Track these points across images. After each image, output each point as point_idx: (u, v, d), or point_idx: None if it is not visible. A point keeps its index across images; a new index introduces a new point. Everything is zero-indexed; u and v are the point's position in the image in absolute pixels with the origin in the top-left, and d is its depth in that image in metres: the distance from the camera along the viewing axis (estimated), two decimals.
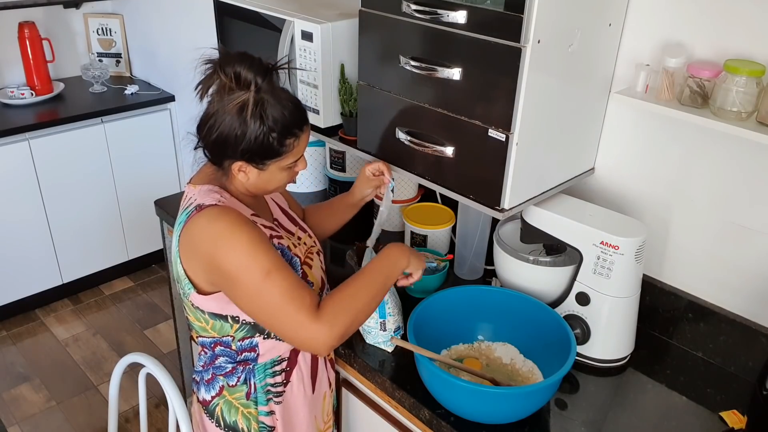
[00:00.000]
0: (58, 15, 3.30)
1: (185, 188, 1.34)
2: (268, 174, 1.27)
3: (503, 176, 1.33)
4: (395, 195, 2.00)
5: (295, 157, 1.27)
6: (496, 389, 1.29)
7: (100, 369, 2.89)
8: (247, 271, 1.18)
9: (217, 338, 1.31)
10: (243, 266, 1.17)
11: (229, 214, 1.21)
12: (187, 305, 1.32)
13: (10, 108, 3.01)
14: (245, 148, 1.21)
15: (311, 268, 1.38)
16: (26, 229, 3.00)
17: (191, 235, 1.23)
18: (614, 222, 1.42)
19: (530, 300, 1.45)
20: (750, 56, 1.28)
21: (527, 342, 1.46)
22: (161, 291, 3.40)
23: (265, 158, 1.24)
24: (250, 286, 1.18)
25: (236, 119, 1.19)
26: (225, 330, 1.29)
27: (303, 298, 1.19)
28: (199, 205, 1.23)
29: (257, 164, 1.24)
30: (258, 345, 1.32)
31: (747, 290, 1.45)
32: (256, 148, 1.21)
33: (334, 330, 1.19)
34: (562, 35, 1.29)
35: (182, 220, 1.26)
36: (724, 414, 1.35)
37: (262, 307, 1.19)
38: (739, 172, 1.38)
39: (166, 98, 3.24)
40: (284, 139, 1.22)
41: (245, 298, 1.20)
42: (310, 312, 1.19)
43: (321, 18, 1.65)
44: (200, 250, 1.21)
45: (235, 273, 1.18)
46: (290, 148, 1.25)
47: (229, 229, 1.19)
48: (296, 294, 1.19)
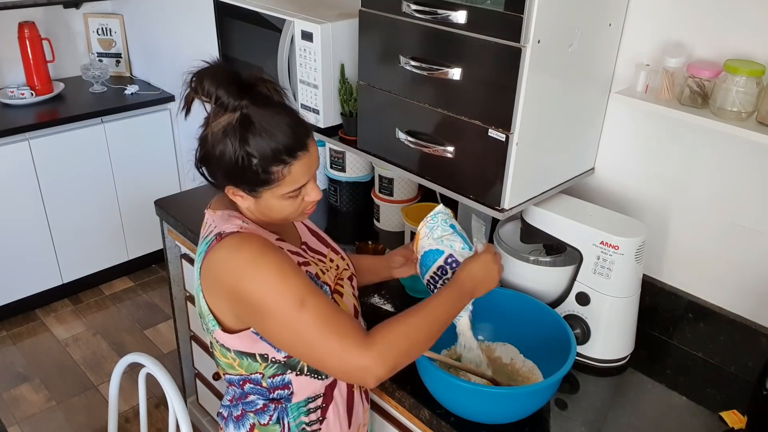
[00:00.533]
0: (58, 15, 3.30)
1: (205, 213, 1.24)
2: (265, 202, 1.14)
3: (503, 176, 1.33)
4: (395, 195, 2.00)
5: (292, 186, 1.12)
6: (496, 389, 1.29)
7: (100, 369, 2.89)
8: (279, 302, 1.06)
9: (245, 376, 1.21)
10: (273, 296, 1.06)
11: (252, 241, 1.11)
12: (212, 342, 1.22)
13: (10, 108, 3.01)
14: (229, 173, 1.10)
15: (342, 297, 1.26)
16: (26, 229, 3.00)
17: (213, 266, 1.12)
18: (614, 222, 1.42)
19: (530, 300, 1.45)
20: (750, 56, 1.28)
21: (527, 342, 1.46)
22: (161, 291, 3.40)
23: (253, 185, 1.11)
24: (283, 318, 1.07)
25: (219, 141, 1.09)
26: (253, 368, 1.19)
27: (345, 325, 1.08)
28: (220, 233, 1.13)
29: (248, 191, 1.13)
30: (291, 382, 1.21)
31: (747, 290, 1.45)
32: (239, 175, 1.10)
33: (386, 361, 1.07)
34: (562, 35, 1.29)
35: (203, 251, 1.16)
36: (724, 414, 1.35)
37: (300, 339, 1.08)
38: (739, 172, 1.38)
39: (166, 98, 3.24)
40: (269, 167, 1.08)
41: (279, 331, 1.09)
42: (357, 339, 1.07)
43: (321, 18, 1.65)
44: (224, 283, 1.10)
45: (265, 305, 1.07)
46: (280, 176, 1.10)
47: (253, 257, 1.08)
48: (337, 320, 1.08)
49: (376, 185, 2.04)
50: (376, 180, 2.03)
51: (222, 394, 2.24)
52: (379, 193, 2.03)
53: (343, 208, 2.17)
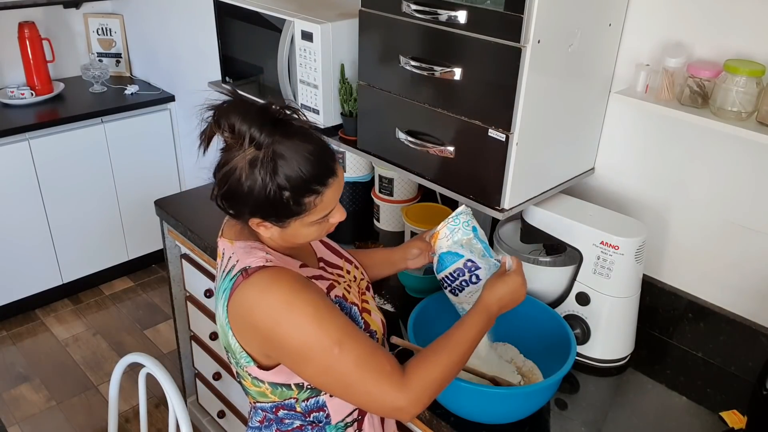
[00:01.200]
0: (58, 15, 3.30)
1: (219, 243, 1.20)
2: (292, 230, 1.12)
3: (503, 176, 1.33)
4: (395, 195, 2.00)
5: (321, 214, 1.11)
6: (496, 389, 1.29)
7: (100, 369, 2.89)
8: (317, 348, 1.04)
9: (278, 402, 1.19)
10: (311, 343, 1.04)
11: (282, 279, 1.07)
12: (240, 372, 1.18)
13: (10, 108, 3.01)
14: (258, 207, 1.07)
15: (370, 314, 1.25)
16: (26, 229, 3.00)
17: (244, 308, 1.08)
18: (614, 222, 1.42)
19: (530, 300, 1.45)
20: (750, 56, 1.28)
21: (527, 342, 1.46)
22: (161, 291, 3.40)
23: (282, 217, 1.08)
24: (320, 363, 1.05)
25: (245, 174, 1.04)
26: (286, 395, 1.17)
27: (382, 365, 1.07)
28: (245, 268, 1.09)
29: (275, 222, 1.10)
30: (326, 404, 1.19)
31: (747, 290, 1.45)
32: (268, 208, 1.07)
33: (420, 400, 1.07)
34: (562, 35, 1.29)
35: (227, 287, 1.11)
36: (724, 414, 1.35)
37: (337, 380, 1.07)
38: (739, 172, 1.38)
39: (166, 98, 3.24)
40: (301, 198, 1.06)
41: (316, 374, 1.07)
42: (393, 379, 1.06)
43: (321, 18, 1.65)
44: (257, 325, 1.07)
45: (304, 351, 1.05)
46: (311, 206, 1.08)
47: (287, 299, 1.05)
48: (374, 361, 1.06)
49: (376, 185, 2.04)
50: (376, 180, 2.03)
51: (222, 394, 2.24)
52: (379, 193, 2.03)
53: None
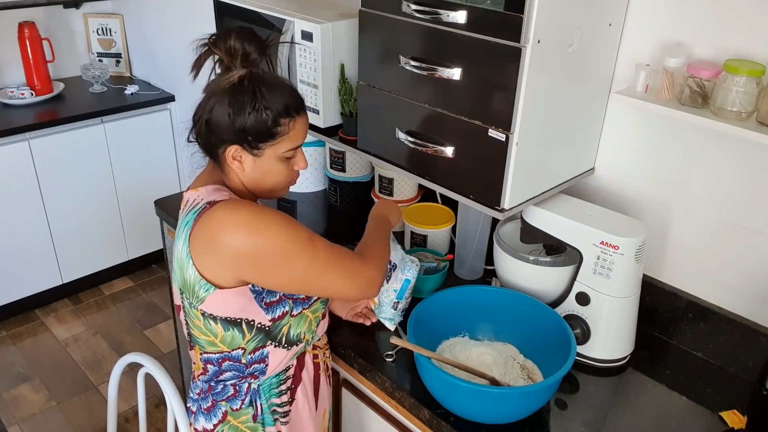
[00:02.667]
0: (58, 15, 3.30)
1: (184, 196, 1.27)
2: (264, 162, 1.21)
3: (503, 176, 1.33)
4: (395, 195, 2.00)
5: (291, 144, 1.21)
6: (496, 389, 1.29)
7: (100, 369, 2.89)
8: (298, 245, 1.16)
9: (225, 353, 1.25)
10: (292, 243, 1.15)
11: (246, 202, 1.18)
12: (192, 315, 1.24)
13: (10, 108, 3.01)
14: (239, 128, 1.16)
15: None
16: (26, 229, 3.00)
17: (209, 229, 1.15)
18: (614, 222, 1.42)
19: (530, 300, 1.45)
20: (750, 56, 1.28)
21: (527, 342, 1.46)
22: (161, 291, 3.40)
23: (259, 140, 1.18)
24: (304, 258, 1.16)
25: (230, 97, 1.15)
26: (236, 341, 1.23)
27: (346, 250, 1.23)
28: (210, 201, 1.18)
29: (252, 149, 1.18)
30: (268, 355, 1.28)
31: (747, 290, 1.45)
32: (249, 127, 1.16)
33: (379, 268, 1.26)
34: (562, 35, 1.29)
35: (190, 220, 1.18)
36: (724, 414, 1.35)
37: (319, 270, 1.18)
38: (739, 172, 1.38)
39: (166, 98, 3.24)
40: (279, 118, 1.17)
41: (298, 273, 1.17)
42: (359, 258, 1.24)
43: (321, 18, 1.65)
44: (227, 243, 1.13)
45: (286, 252, 1.15)
46: (286, 130, 1.19)
47: (257, 212, 1.15)
48: (339, 248, 1.23)
49: (376, 185, 2.04)
50: (376, 180, 2.03)
51: None
52: (379, 193, 2.03)
53: (343, 208, 2.17)
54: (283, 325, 1.26)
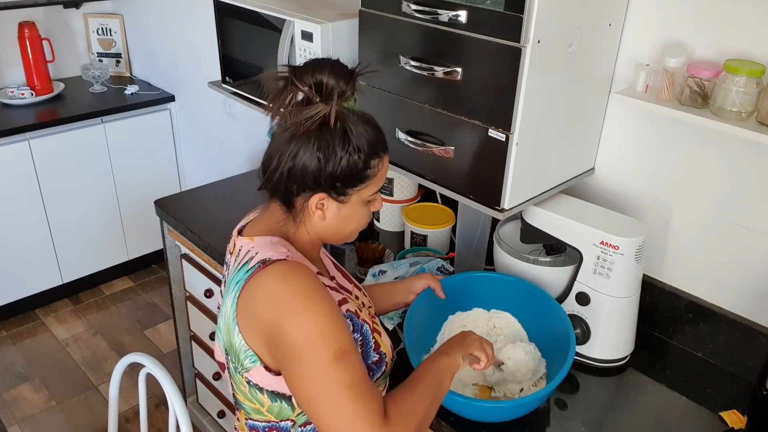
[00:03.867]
0: (58, 15, 3.30)
1: (235, 240, 1.14)
2: (348, 209, 1.09)
3: (503, 176, 1.33)
4: (395, 195, 2.00)
5: (377, 186, 1.11)
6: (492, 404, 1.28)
7: (100, 369, 2.89)
8: (317, 348, 0.97)
9: (273, 422, 1.11)
10: (314, 341, 0.98)
11: (303, 273, 1.02)
12: (237, 380, 1.10)
13: (10, 108, 3.01)
14: (328, 174, 1.03)
15: (381, 336, 1.20)
16: (26, 229, 3.00)
17: (256, 296, 1.02)
18: (614, 222, 1.42)
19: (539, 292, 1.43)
20: (750, 56, 1.28)
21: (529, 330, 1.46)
22: (161, 291, 3.40)
23: (348, 185, 1.06)
24: (317, 367, 0.98)
25: (318, 140, 1.02)
26: (285, 413, 1.09)
27: (373, 395, 0.99)
28: (264, 260, 1.04)
29: (339, 195, 1.07)
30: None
31: (747, 290, 1.45)
32: (341, 172, 1.04)
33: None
34: (562, 35, 1.29)
35: (242, 279, 1.04)
36: (724, 414, 1.35)
37: (325, 395, 0.98)
38: (739, 172, 1.38)
39: (166, 98, 3.24)
40: (370, 160, 1.06)
41: (306, 381, 0.99)
42: (380, 413, 0.99)
43: (321, 18, 1.65)
44: (263, 316, 1.01)
45: (303, 348, 0.98)
46: (375, 173, 1.08)
47: (304, 293, 1.00)
48: (367, 388, 0.99)
49: None
50: None
51: (222, 394, 2.24)
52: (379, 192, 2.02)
53: None
54: None
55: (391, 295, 1.43)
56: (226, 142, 2.96)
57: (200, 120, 3.14)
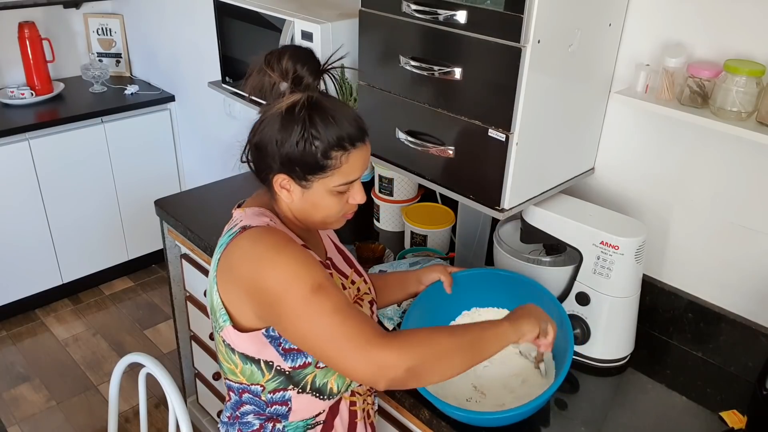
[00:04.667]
0: (58, 15, 3.30)
1: (233, 213, 1.20)
2: (313, 195, 1.11)
3: (503, 176, 1.33)
4: (395, 195, 2.00)
5: (343, 179, 1.10)
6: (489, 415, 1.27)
7: (100, 369, 2.89)
8: (293, 287, 1.01)
9: (245, 385, 1.17)
10: (289, 282, 1.02)
11: (275, 234, 1.08)
12: (217, 340, 1.17)
13: (10, 108, 3.01)
14: (285, 155, 1.07)
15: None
16: (26, 229, 3.00)
17: (232, 257, 1.09)
18: (614, 222, 1.42)
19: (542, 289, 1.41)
20: (750, 56, 1.28)
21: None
22: (161, 291, 3.40)
23: (307, 172, 1.08)
24: (296, 304, 1.01)
25: (280, 123, 1.06)
26: (255, 377, 1.14)
27: (364, 317, 1.02)
28: (245, 226, 1.11)
29: (300, 180, 1.10)
30: (291, 400, 1.16)
31: (747, 290, 1.45)
32: (296, 158, 1.07)
33: (405, 359, 0.98)
34: (562, 35, 1.29)
35: (224, 242, 1.12)
36: (724, 414, 1.35)
37: (313, 326, 1.00)
38: (739, 172, 1.38)
39: (166, 98, 3.24)
40: (329, 151, 1.06)
41: (292, 321, 1.02)
42: (376, 332, 1.00)
43: (321, 18, 1.65)
44: (241, 274, 1.07)
45: (280, 292, 1.02)
46: (337, 164, 1.08)
47: (274, 247, 1.05)
48: (355, 311, 1.01)
49: (376, 185, 2.04)
50: (376, 180, 2.03)
51: (222, 394, 2.24)
52: (379, 193, 2.03)
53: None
54: (306, 374, 1.14)
55: (404, 284, 1.44)
56: (226, 142, 2.96)
57: (200, 120, 3.14)
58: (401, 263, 1.72)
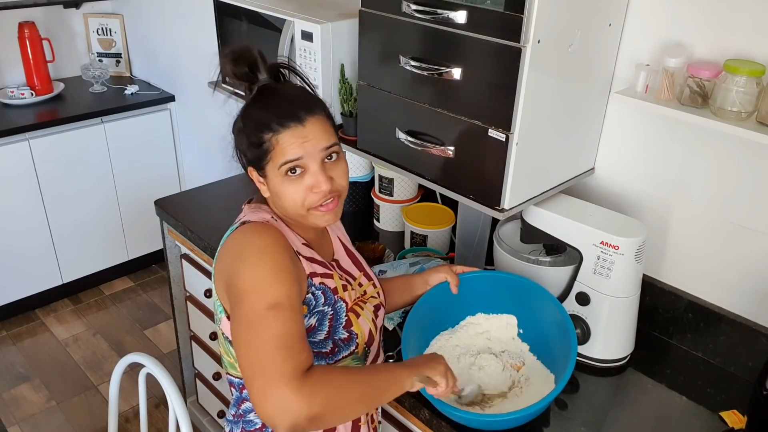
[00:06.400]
0: (58, 15, 3.30)
1: (242, 207, 1.24)
2: (271, 183, 1.12)
3: (503, 176, 1.33)
4: (395, 195, 2.00)
5: (281, 158, 1.08)
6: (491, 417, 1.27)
7: (100, 369, 2.89)
8: (254, 295, 1.02)
9: (243, 381, 1.16)
10: (252, 288, 1.03)
11: (266, 232, 1.10)
12: (219, 334, 1.20)
13: (10, 108, 3.01)
14: (239, 147, 1.15)
15: (358, 318, 1.20)
16: (26, 229, 3.00)
17: (225, 249, 1.12)
18: (614, 222, 1.42)
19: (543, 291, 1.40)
20: (750, 56, 1.28)
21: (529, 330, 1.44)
22: (161, 291, 3.40)
23: (255, 159, 1.12)
24: (249, 312, 1.02)
25: (236, 120, 1.14)
26: None
27: (298, 352, 1.00)
28: (245, 221, 1.14)
29: (258, 170, 1.13)
30: None
31: (747, 290, 1.45)
32: (243, 147, 1.13)
33: (310, 406, 0.96)
34: (562, 35, 1.29)
35: (225, 236, 1.16)
36: (724, 414, 1.35)
37: (250, 340, 1.01)
38: (739, 172, 1.38)
39: (166, 98, 3.24)
40: (259, 133, 1.08)
41: (239, 324, 1.03)
42: (296, 372, 0.97)
43: (321, 18, 1.65)
44: (225, 267, 1.10)
45: (242, 294, 1.04)
46: (271, 146, 1.08)
47: (257, 247, 1.07)
48: (293, 343, 1.00)
49: (376, 185, 2.04)
50: (376, 180, 2.03)
51: (222, 394, 2.24)
52: (379, 193, 2.03)
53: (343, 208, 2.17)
54: None
55: (411, 287, 1.43)
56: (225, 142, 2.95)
57: (200, 120, 3.14)
58: (401, 263, 1.72)
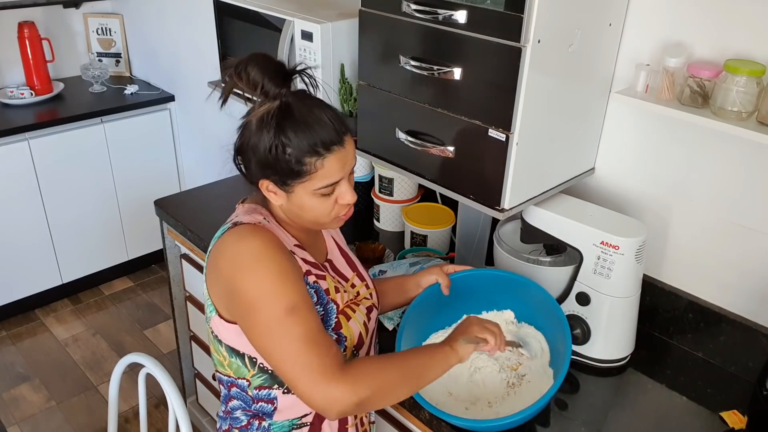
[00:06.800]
0: (58, 15, 3.30)
1: (236, 207, 1.23)
2: (297, 198, 1.11)
3: (503, 176, 1.33)
4: (395, 195, 2.00)
5: (323, 182, 1.08)
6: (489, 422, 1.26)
7: (100, 369, 2.88)
8: (268, 303, 1.04)
9: (232, 379, 1.19)
10: (264, 296, 1.04)
11: (260, 235, 1.09)
12: (208, 332, 1.20)
13: (10, 108, 3.00)
14: (262, 164, 1.08)
15: (349, 320, 1.20)
16: (26, 229, 3.00)
17: (218, 253, 1.12)
18: (614, 222, 1.42)
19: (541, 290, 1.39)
20: (750, 56, 1.28)
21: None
22: (161, 291, 3.40)
23: (285, 177, 1.08)
24: (268, 320, 1.04)
25: (254, 132, 1.08)
26: (241, 372, 1.16)
27: (328, 347, 1.04)
28: (237, 222, 1.13)
29: (281, 184, 1.10)
30: (276, 399, 1.18)
31: (747, 290, 1.45)
32: (271, 164, 1.07)
33: (355, 393, 1.02)
34: (562, 35, 1.29)
35: (217, 236, 1.15)
36: (724, 414, 1.35)
37: (278, 346, 1.04)
38: (740, 172, 1.38)
39: (166, 98, 3.24)
40: (303, 158, 1.06)
41: (260, 333, 1.06)
42: (334, 365, 1.03)
43: (321, 18, 1.66)
44: (222, 272, 1.10)
45: (254, 303, 1.05)
46: (312, 169, 1.07)
47: (256, 251, 1.07)
48: (320, 340, 1.04)
49: (376, 185, 2.04)
50: (376, 180, 2.03)
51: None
52: (379, 193, 2.03)
53: None
54: None
55: (403, 289, 1.43)
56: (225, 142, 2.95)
57: (200, 120, 3.14)
58: (401, 263, 1.72)
